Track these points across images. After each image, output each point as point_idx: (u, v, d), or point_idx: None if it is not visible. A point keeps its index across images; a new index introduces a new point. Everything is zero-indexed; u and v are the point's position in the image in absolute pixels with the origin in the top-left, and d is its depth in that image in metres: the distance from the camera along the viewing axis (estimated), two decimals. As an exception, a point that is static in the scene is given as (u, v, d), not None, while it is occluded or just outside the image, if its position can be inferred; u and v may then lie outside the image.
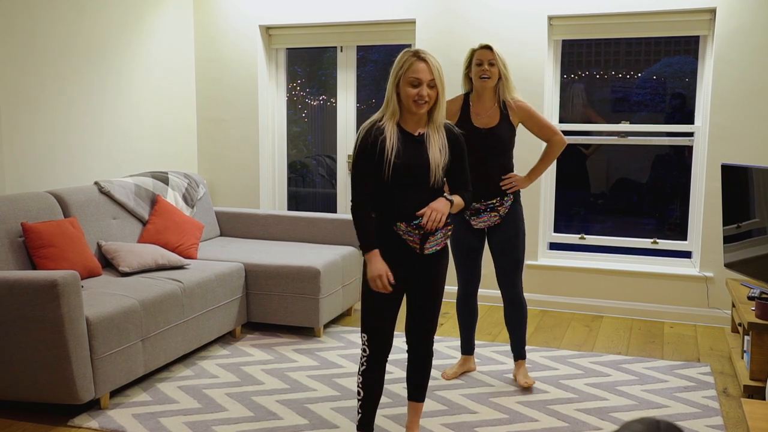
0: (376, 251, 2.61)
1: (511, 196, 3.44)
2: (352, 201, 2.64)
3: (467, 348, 3.72)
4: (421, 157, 2.61)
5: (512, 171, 3.47)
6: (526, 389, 3.51)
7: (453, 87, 5.00)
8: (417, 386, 2.88)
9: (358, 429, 2.78)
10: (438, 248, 2.68)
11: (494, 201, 3.41)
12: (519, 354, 3.61)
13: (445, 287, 2.92)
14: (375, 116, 2.67)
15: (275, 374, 3.70)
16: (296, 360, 3.90)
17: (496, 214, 3.42)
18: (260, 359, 3.92)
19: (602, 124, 4.98)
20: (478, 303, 4.32)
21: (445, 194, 2.69)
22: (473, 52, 3.39)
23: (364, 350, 2.70)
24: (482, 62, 3.33)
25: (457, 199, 2.71)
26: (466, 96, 3.47)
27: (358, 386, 2.75)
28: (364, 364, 2.71)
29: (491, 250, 3.51)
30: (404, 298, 3.91)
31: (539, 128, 3.46)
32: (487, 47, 3.33)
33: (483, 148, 3.36)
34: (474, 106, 3.42)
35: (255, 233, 5.05)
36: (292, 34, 5.55)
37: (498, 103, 3.40)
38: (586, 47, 5.13)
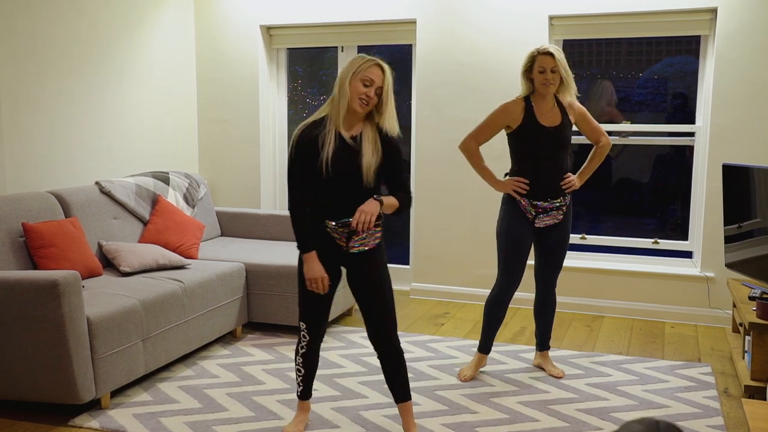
0: (314, 253, 2.74)
1: (569, 196, 3.54)
2: (289, 200, 2.74)
3: (485, 348, 3.69)
4: (355, 159, 2.69)
5: (569, 169, 3.55)
6: (559, 378, 3.64)
7: (457, 86, 5.03)
8: (398, 388, 2.90)
9: (300, 398, 3.03)
10: (365, 248, 2.75)
11: (559, 200, 3.48)
12: (544, 344, 3.75)
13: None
14: (314, 116, 2.77)
15: (276, 374, 3.70)
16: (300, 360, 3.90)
17: (561, 213, 3.51)
18: (261, 359, 3.92)
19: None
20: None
21: (374, 195, 2.73)
22: (534, 57, 3.38)
23: (303, 337, 2.91)
24: (545, 70, 3.35)
25: (390, 200, 2.76)
26: (527, 98, 3.46)
27: (298, 365, 2.98)
28: (304, 347, 2.93)
29: (542, 247, 3.58)
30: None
31: (591, 130, 3.57)
32: (549, 54, 3.34)
33: (552, 146, 3.42)
34: (537, 107, 3.44)
35: (256, 233, 5.05)
36: (293, 34, 5.56)
37: (555, 102, 3.46)
38: (587, 47, 5.13)
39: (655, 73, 5.05)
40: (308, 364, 2.98)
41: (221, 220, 5.14)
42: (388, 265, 2.91)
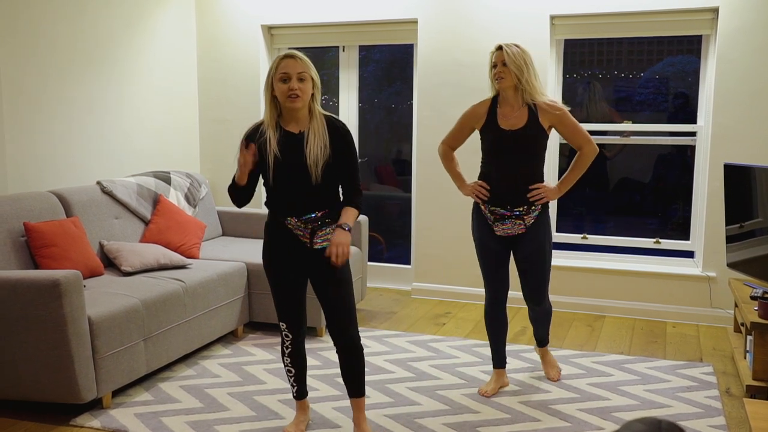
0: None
1: (539, 207, 3.29)
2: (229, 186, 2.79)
3: (499, 361, 3.52)
4: (300, 156, 2.69)
5: (542, 178, 3.31)
6: (554, 381, 3.58)
7: (458, 86, 5.03)
8: (352, 382, 2.90)
9: (296, 398, 3.04)
10: (329, 243, 2.73)
11: (521, 209, 3.27)
12: (541, 341, 3.64)
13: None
14: (258, 121, 2.80)
15: (277, 374, 3.70)
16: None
17: (521, 222, 3.29)
18: (262, 359, 3.92)
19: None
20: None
21: (340, 224, 2.71)
22: (491, 54, 3.27)
23: (286, 336, 2.92)
24: (496, 64, 3.22)
25: (352, 217, 2.75)
26: (494, 99, 3.33)
27: (287, 366, 2.98)
28: (289, 347, 2.94)
29: (516, 262, 3.39)
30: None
31: (571, 134, 3.29)
32: (499, 48, 3.22)
33: (509, 150, 3.23)
34: (501, 108, 3.28)
35: (257, 233, 5.05)
36: (294, 33, 5.56)
37: (525, 104, 3.24)
38: (588, 47, 5.12)
39: (656, 72, 5.05)
40: (296, 362, 2.98)
41: (222, 219, 5.15)
42: (390, 265, 2.91)
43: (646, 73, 5.06)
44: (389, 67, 5.84)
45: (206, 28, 5.59)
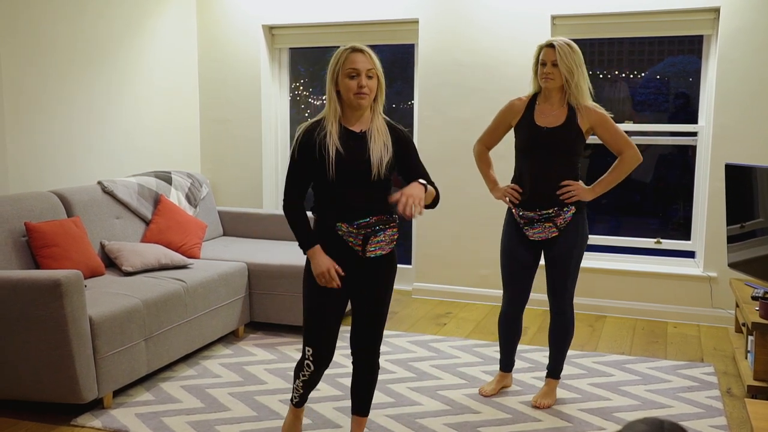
0: (318, 247, 2.53)
1: (573, 207, 3.15)
2: (284, 200, 2.57)
3: (506, 365, 3.48)
4: (364, 154, 2.51)
5: (576, 180, 3.18)
6: (537, 408, 3.29)
7: (459, 86, 5.03)
8: (362, 400, 2.79)
9: (295, 406, 2.81)
10: (382, 252, 2.57)
11: (550, 211, 3.14)
12: (551, 372, 3.38)
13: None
14: (317, 117, 2.60)
15: (278, 374, 3.70)
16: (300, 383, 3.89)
17: (552, 225, 3.15)
18: (263, 359, 3.92)
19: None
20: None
21: (419, 180, 2.50)
22: (539, 49, 3.13)
23: (307, 366, 2.66)
24: (545, 63, 3.08)
25: (431, 189, 2.55)
26: (535, 95, 3.22)
27: (296, 386, 2.74)
28: (306, 375, 2.68)
29: (546, 263, 3.27)
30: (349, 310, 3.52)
31: (611, 138, 3.15)
32: (551, 46, 3.07)
33: (542, 148, 3.11)
34: (540, 105, 3.17)
35: (258, 233, 5.05)
36: (295, 33, 5.56)
37: (566, 105, 3.14)
38: (589, 47, 5.12)
39: (657, 72, 5.04)
40: (309, 388, 2.75)
41: (223, 219, 5.14)
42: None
43: (647, 73, 5.06)
44: (390, 67, 5.84)
45: (207, 28, 5.59)
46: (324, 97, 2.63)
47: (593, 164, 5.13)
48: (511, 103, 3.27)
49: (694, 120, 4.79)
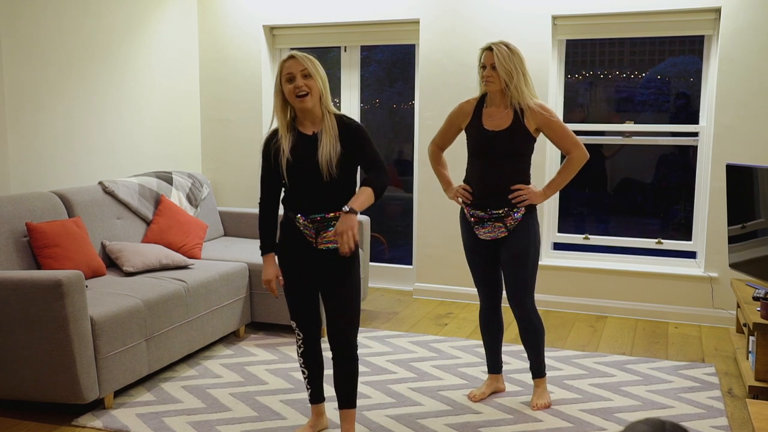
0: (271, 255, 2.84)
1: (523, 209, 3.16)
2: (259, 205, 2.87)
3: (494, 366, 3.44)
4: (313, 157, 2.70)
5: (526, 181, 3.20)
6: (539, 409, 3.29)
7: (460, 86, 5.03)
8: (343, 392, 2.85)
9: (311, 402, 3.01)
10: (335, 245, 2.73)
11: (500, 211, 3.15)
12: (534, 372, 3.35)
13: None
14: (276, 125, 2.83)
15: (279, 374, 3.70)
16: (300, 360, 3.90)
17: (501, 225, 3.17)
18: (264, 359, 3.92)
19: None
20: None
21: (345, 207, 2.61)
22: (480, 52, 3.15)
23: (298, 335, 2.92)
24: (485, 65, 3.10)
25: (362, 197, 2.65)
26: (482, 97, 3.23)
27: (301, 367, 2.96)
28: (301, 346, 2.93)
29: (500, 265, 3.26)
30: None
31: (558, 138, 3.17)
32: (489, 49, 3.09)
33: (491, 151, 3.13)
34: (487, 108, 3.19)
35: (258, 233, 5.04)
36: (296, 34, 5.56)
37: (512, 106, 3.13)
38: (590, 47, 5.12)
39: (658, 73, 5.04)
40: (310, 363, 2.94)
41: (224, 220, 5.15)
42: (392, 265, 2.89)
43: (648, 74, 5.06)
44: (391, 67, 5.84)
45: (208, 28, 5.59)
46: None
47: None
48: (460, 106, 3.29)
49: (695, 120, 4.79)
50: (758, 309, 3.48)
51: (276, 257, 2.86)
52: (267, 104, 5.60)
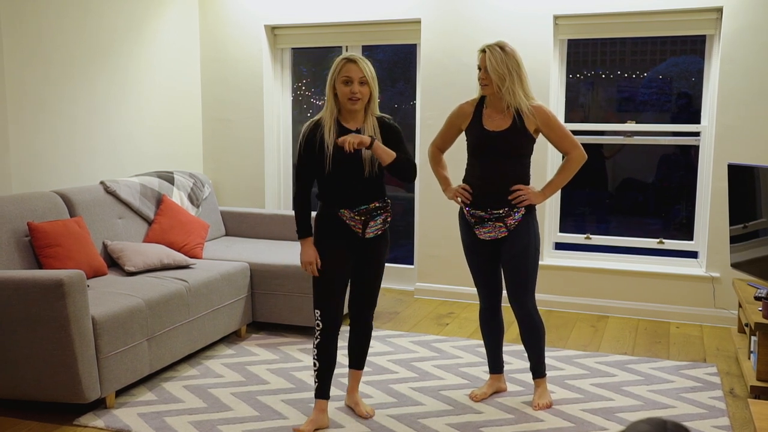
0: (310, 238, 2.99)
1: (523, 209, 3.17)
2: (293, 193, 3.04)
3: (495, 366, 3.44)
4: (357, 151, 2.88)
5: (526, 182, 3.21)
6: (541, 409, 3.28)
7: (461, 86, 5.02)
8: (358, 354, 3.19)
9: (316, 397, 3.06)
10: (379, 233, 3.01)
11: (501, 211, 3.16)
12: (535, 372, 3.35)
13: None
14: (317, 116, 2.98)
15: (280, 374, 3.70)
16: (301, 360, 3.90)
17: (502, 225, 3.16)
18: (265, 359, 3.92)
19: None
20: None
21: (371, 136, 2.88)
22: (478, 54, 3.16)
23: (317, 325, 3.00)
24: (480, 68, 3.12)
25: (387, 149, 2.88)
26: (483, 98, 3.23)
27: (313, 358, 3.03)
28: (318, 337, 3.00)
29: (501, 265, 3.28)
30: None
31: (557, 139, 3.17)
32: (483, 50, 3.11)
33: (491, 152, 3.14)
34: (487, 108, 3.19)
35: (260, 233, 5.06)
36: (298, 33, 5.56)
37: (511, 106, 3.13)
38: (591, 47, 5.12)
39: (660, 72, 5.04)
40: (324, 357, 3.01)
41: (226, 219, 5.15)
42: (393, 265, 2.98)
43: (649, 73, 5.05)
44: (392, 67, 5.84)
45: (209, 27, 5.59)
46: (326, 97, 2.96)
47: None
48: (460, 107, 3.30)
49: (696, 120, 4.78)
50: (760, 309, 3.47)
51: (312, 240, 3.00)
52: (268, 104, 5.61)
